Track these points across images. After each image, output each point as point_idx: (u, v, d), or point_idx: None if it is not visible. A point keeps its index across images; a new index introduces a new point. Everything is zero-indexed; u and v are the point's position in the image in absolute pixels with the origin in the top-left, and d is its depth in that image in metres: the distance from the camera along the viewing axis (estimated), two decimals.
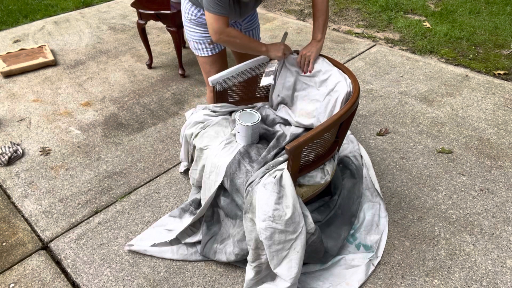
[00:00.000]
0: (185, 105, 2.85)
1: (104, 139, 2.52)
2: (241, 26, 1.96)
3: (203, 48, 1.91)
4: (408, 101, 2.81)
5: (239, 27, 1.95)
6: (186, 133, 1.86)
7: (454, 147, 2.38)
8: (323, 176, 1.61)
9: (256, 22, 2.02)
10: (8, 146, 2.42)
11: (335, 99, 1.63)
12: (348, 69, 1.70)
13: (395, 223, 1.91)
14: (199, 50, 1.93)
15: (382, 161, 2.29)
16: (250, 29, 2.00)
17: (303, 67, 1.75)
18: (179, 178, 2.20)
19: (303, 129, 1.78)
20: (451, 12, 4.25)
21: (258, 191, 1.46)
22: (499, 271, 1.70)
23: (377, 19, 4.19)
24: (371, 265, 1.71)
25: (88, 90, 3.04)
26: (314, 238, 1.56)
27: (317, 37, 1.73)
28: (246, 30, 1.99)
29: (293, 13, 4.44)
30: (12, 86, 3.09)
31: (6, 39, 3.86)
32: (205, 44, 1.90)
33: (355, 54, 3.47)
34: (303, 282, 1.64)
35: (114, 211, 2.01)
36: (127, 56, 3.53)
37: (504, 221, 1.92)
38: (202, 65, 1.99)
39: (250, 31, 2.01)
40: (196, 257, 1.76)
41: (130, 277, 1.70)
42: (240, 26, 1.95)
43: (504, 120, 2.60)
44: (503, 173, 2.19)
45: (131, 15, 4.41)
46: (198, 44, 1.91)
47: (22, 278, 1.71)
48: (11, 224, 1.96)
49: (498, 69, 3.19)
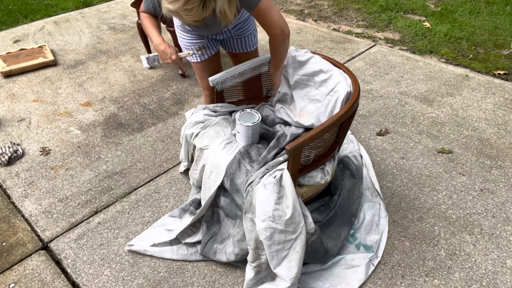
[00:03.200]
0: (185, 105, 2.85)
1: (104, 139, 2.52)
2: (231, 33, 1.87)
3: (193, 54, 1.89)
4: (408, 101, 2.82)
5: (229, 34, 1.87)
6: (186, 133, 1.86)
7: (454, 147, 2.38)
8: (323, 176, 1.61)
9: (249, 30, 1.90)
10: (8, 146, 2.42)
11: (336, 99, 1.63)
12: (348, 69, 1.70)
13: (395, 223, 1.92)
14: (189, 56, 1.89)
15: (382, 161, 2.29)
16: (242, 37, 1.91)
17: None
18: (179, 178, 2.20)
19: (303, 129, 1.78)
20: (451, 12, 4.25)
21: (258, 191, 1.46)
22: (499, 271, 1.70)
23: (377, 19, 4.19)
24: (371, 265, 1.71)
25: (88, 90, 3.04)
26: (314, 238, 1.56)
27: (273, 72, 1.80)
28: (237, 37, 1.91)
29: (293, 13, 4.44)
30: (12, 86, 3.09)
31: (6, 39, 3.86)
32: (194, 50, 1.87)
33: (355, 54, 3.47)
34: (303, 282, 1.64)
35: (114, 211, 2.01)
36: (127, 56, 3.53)
37: (504, 221, 1.92)
38: (195, 70, 1.98)
39: (242, 38, 1.92)
40: (196, 257, 1.77)
41: (130, 277, 1.70)
42: (229, 33, 1.87)
43: (504, 120, 2.60)
44: (503, 173, 2.19)
45: (131, 15, 4.40)
46: (188, 50, 1.88)
47: (22, 278, 1.71)
48: (11, 224, 1.96)
49: (498, 69, 3.19)
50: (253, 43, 1.97)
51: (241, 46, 1.95)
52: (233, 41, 1.93)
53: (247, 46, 1.96)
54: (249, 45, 1.96)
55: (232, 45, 1.96)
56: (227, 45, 1.97)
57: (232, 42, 1.94)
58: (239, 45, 1.95)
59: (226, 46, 1.99)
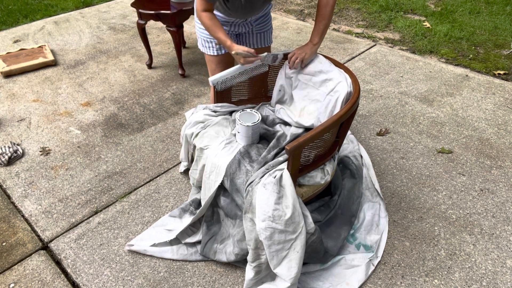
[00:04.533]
0: (185, 105, 2.85)
1: (104, 139, 2.52)
2: (252, 27, 1.93)
3: (210, 47, 1.92)
4: (408, 101, 2.82)
5: (250, 27, 1.93)
6: (187, 133, 1.86)
7: (454, 147, 2.38)
8: (323, 176, 1.61)
9: (268, 25, 1.99)
10: (8, 146, 2.42)
11: (336, 99, 1.63)
12: (348, 69, 1.70)
13: (395, 223, 1.91)
14: (206, 48, 1.94)
15: (382, 161, 2.29)
16: (262, 31, 1.98)
17: (291, 64, 1.76)
18: (179, 178, 2.20)
19: (303, 129, 1.78)
20: (451, 12, 4.25)
21: (258, 191, 1.46)
22: (499, 271, 1.70)
23: (377, 19, 4.19)
24: (371, 265, 1.71)
25: (88, 90, 3.04)
26: (314, 238, 1.56)
27: (314, 40, 1.73)
28: (257, 32, 1.97)
29: (293, 13, 4.44)
30: (12, 86, 3.09)
31: (6, 39, 3.86)
32: (213, 43, 1.91)
33: (355, 54, 3.47)
34: (303, 282, 1.64)
35: (114, 211, 2.01)
36: (127, 56, 3.53)
37: (504, 221, 1.92)
38: (208, 63, 2.00)
39: (262, 33, 1.98)
40: (196, 257, 1.77)
41: (130, 277, 1.70)
42: (251, 27, 1.93)
43: (504, 120, 2.60)
44: (503, 173, 2.19)
45: (131, 15, 4.41)
46: (206, 42, 1.92)
47: (22, 278, 1.71)
48: (11, 224, 1.96)
49: (498, 69, 3.19)
50: (270, 39, 2.04)
51: (259, 41, 2.00)
52: (252, 35, 1.97)
53: (265, 41, 2.02)
54: (267, 41, 2.03)
55: (250, 40, 2.00)
56: (245, 40, 2.01)
57: (251, 36, 1.98)
58: (257, 40, 1.99)
59: (244, 42, 2.02)
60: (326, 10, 1.68)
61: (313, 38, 1.73)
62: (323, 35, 1.74)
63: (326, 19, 1.70)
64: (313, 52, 1.75)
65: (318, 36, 1.72)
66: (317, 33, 1.72)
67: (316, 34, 1.73)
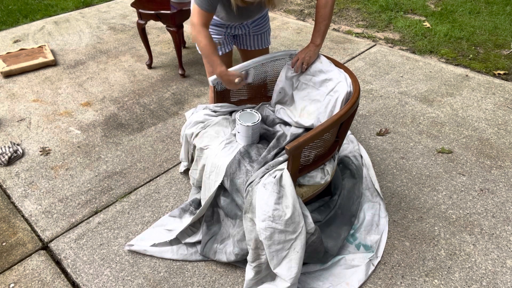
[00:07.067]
0: (185, 105, 2.85)
1: (104, 139, 2.52)
2: (249, 28, 1.93)
3: None
4: (408, 101, 2.82)
5: (247, 29, 1.92)
6: (187, 133, 1.86)
7: (454, 147, 2.38)
8: (323, 176, 1.61)
9: (266, 26, 1.98)
10: (8, 146, 2.42)
11: (335, 99, 1.63)
12: (348, 69, 1.70)
13: (395, 223, 1.91)
14: None
15: (382, 161, 2.29)
16: (259, 33, 1.97)
17: (296, 68, 1.76)
18: (179, 178, 2.20)
19: (303, 129, 1.78)
20: (451, 12, 4.25)
21: (258, 191, 1.46)
22: (499, 271, 1.70)
23: (377, 19, 4.19)
24: (371, 265, 1.71)
25: (88, 90, 3.04)
26: (314, 238, 1.56)
27: (316, 42, 1.73)
28: (254, 34, 1.96)
29: (293, 13, 4.44)
30: (12, 86, 3.09)
31: (6, 39, 3.86)
32: None
33: (355, 54, 3.47)
34: (303, 282, 1.64)
35: (114, 211, 2.01)
36: (127, 56, 3.53)
37: (504, 221, 1.92)
38: (206, 65, 1.99)
39: (259, 35, 1.98)
40: (196, 257, 1.77)
41: (130, 277, 1.70)
42: (248, 29, 1.92)
43: (504, 120, 2.60)
44: (503, 173, 2.19)
45: (131, 15, 4.41)
46: None
47: (22, 278, 1.71)
48: (11, 224, 1.96)
49: (498, 69, 3.19)
50: (267, 40, 2.03)
51: (256, 43, 1.99)
52: (249, 37, 1.97)
53: (262, 43, 2.01)
54: (264, 43, 2.02)
55: (247, 42, 1.99)
56: (242, 42, 2.00)
57: (247, 38, 1.98)
58: (254, 42, 1.99)
59: (240, 43, 2.02)
60: (325, 10, 1.68)
61: (315, 39, 1.73)
62: (324, 35, 1.74)
63: (327, 19, 1.70)
64: (316, 54, 1.75)
65: (320, 37, 1.73)
66: (319, 34, 1.72)
67: (317, 35, 1.73)
